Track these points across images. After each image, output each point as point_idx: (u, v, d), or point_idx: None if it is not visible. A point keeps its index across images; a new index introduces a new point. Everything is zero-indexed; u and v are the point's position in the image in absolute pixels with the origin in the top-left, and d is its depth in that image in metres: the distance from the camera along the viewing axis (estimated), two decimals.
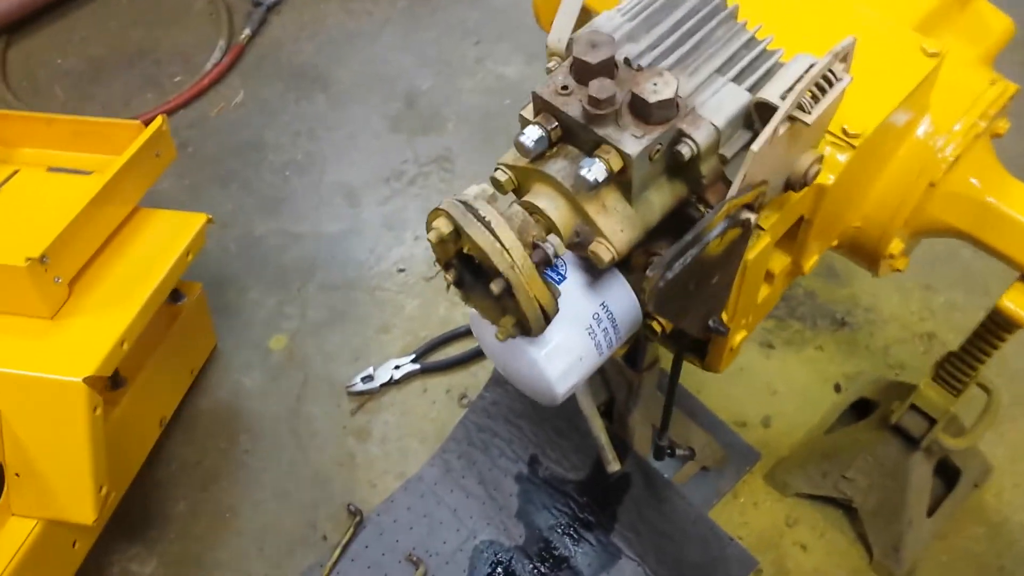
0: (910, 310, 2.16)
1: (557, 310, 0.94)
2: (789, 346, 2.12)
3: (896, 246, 1.28)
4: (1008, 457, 1.93)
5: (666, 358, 1.80)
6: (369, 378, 2.10)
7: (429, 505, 1.90)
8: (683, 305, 0.96)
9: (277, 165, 2.49)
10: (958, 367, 1.54)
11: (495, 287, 0.90)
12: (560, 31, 0.98)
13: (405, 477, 1.96)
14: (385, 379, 2.10)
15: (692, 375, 1.99)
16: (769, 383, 2.06)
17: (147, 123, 1.84)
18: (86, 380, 1.50)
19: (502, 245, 0.89)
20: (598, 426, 1.53)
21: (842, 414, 1.98)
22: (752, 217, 0.91)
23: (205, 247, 1.89)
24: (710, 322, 1.04)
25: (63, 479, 1.54)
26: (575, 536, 1.82)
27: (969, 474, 1.86)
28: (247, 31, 2.71)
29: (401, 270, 2.29)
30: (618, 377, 1.74)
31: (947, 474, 1.84)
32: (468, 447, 1.96)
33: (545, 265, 0.92)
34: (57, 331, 1.59)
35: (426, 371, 2.12)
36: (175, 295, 1.95)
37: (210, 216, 1.87)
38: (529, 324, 0.93)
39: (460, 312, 2.21)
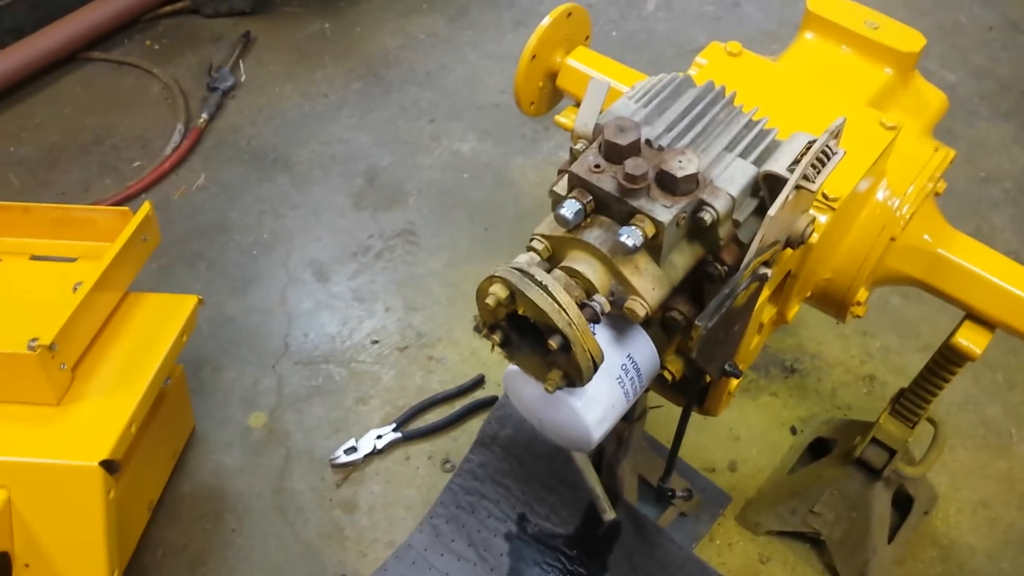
0: (851, 355, 2.35)
1: (603, 358, 1.06)
2: (746, 394, 2.28)
3: (863, 294, 1.45)
4: (951, 485, 2.10)
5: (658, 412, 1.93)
6: (352, 449, 2.14)
7: (421, 571, 1.94)
8: (713, 352, 1.08)
9: (244, 245, 2.53)
10: (913, 401, 1.72)
11: (554, 343, 1.01)
12: (586, 117, 1.11)
13: (395, 545, 1.99)
14: (368, 449, 2.14)
15: (662, 428, 2.11)
16: (731, 430, 2.20)
17: (116, 205, 1.88)
18: (101, 464, 1.51)
19: (559, 305, 1.00)
20: (592, 477, 1.62)
21: (801, 455, 2.14)
22: (769, 272, 1.05)
23: None
24: (726, 366, 1.17)
25: (75, 566, 1.53)
26: None
27: (920, 502, 2.01)
28: (204, 115, 2.76)
29: (375, 342, 2.36)
30: None
31: (900, 504, 2.00)
32: (456, 510, 2.01)
33: (593, 321, 1.04)
34: (65, 417, 1.59)
35: (408, 439, 2.18)
36: None
37: (200, 297, 1.91)
38: (581, 374, 1.04)
39: (436, 380, 2.28)
